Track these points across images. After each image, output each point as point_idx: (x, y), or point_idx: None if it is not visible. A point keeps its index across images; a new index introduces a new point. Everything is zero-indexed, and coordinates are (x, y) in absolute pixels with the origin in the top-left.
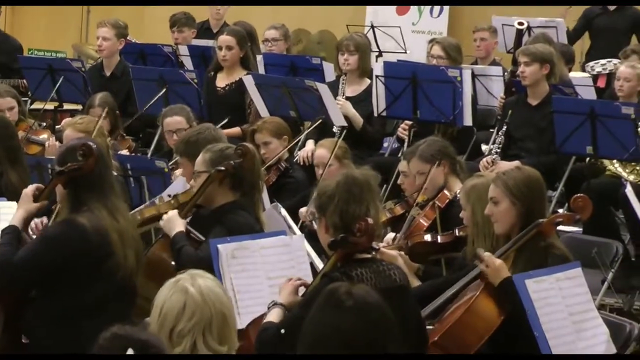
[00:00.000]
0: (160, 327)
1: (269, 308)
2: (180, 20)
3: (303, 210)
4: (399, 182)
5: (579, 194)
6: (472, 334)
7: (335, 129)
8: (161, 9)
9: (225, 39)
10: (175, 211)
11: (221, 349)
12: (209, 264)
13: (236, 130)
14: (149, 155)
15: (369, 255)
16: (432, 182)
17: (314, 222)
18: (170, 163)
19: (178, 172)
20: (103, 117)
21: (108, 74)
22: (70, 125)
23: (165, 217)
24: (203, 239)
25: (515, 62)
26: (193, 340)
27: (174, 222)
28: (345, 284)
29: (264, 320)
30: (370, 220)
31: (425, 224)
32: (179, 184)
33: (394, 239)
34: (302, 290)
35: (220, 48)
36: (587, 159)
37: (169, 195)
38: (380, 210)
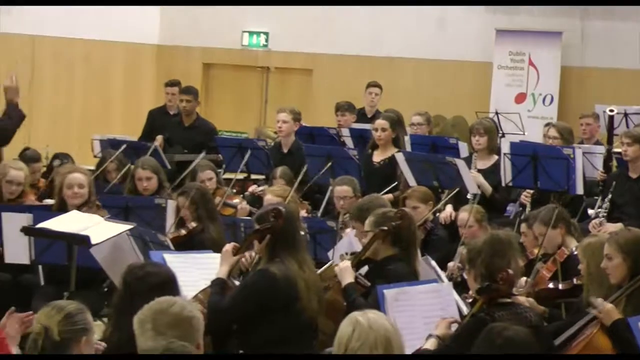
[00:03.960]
0: (338, 349)
1: (426, 339)
2: (343, 107)
3: (451, 264)
4: (520, 240)
5: None
6: None
7: (469, 196)
8: (326, 98)
9: (380, 122)
10: (349, 263)
11: None
12: (375, 307)
13: (389, 196)
14: (319, 216)
15: (509, 300)
16: (551, 240)
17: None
18: (340, 222)
19: (348, 230)
20: (285, 186)
21: (285, 150)
22: (270, 192)
23: (339, 267)
24: (369, 284)
25: (609, 142)
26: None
27: (346, 273)
28: (502, 325)
29: (422, 347)
30: (511, 271)
31: (548, 275)
32: (345, 241)
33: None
34: (454, 326)
35: (377, 130)
36: None
37: (345, 253)
38: (519, 263)
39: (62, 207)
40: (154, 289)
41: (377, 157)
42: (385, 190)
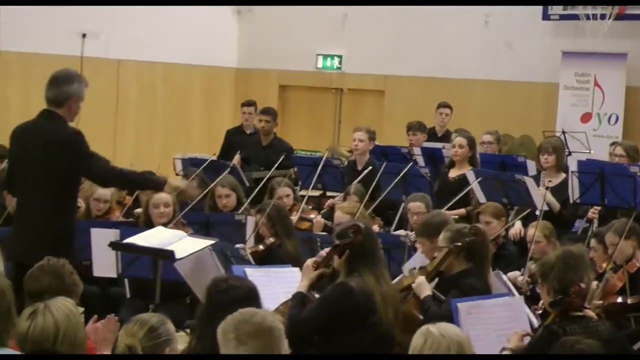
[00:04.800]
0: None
1: (500, 352)
2: (415, 127)
3: (520, 278)
4: (590, 255)
5: None
6: None
7: (537, 212)
8: (398, 118)
9: (459, 140)
10: (424, 277)
11: None
12: (449, 319)
13: (461, 211)
14: (391, 231)
15: (581, 313)
16: (622, 251)
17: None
18: (412, 237)
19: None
20: (358, 202)
21: (360, 168)
22: (340, 208)
23: (416, 282)
24: (444, 298)
25: None
26: None
27: (423, 287)
28: (574, 339)
29: None
30: (583, 285)
31: (619, 284)
32: (419, 256)
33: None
34: (527, 339)
35: (454, 146)
36: None
37: (414, 269)
38: (591, 277)
39: (148, 224)
40: (236, 301)
41: (453, 173)
42: (450, 204)
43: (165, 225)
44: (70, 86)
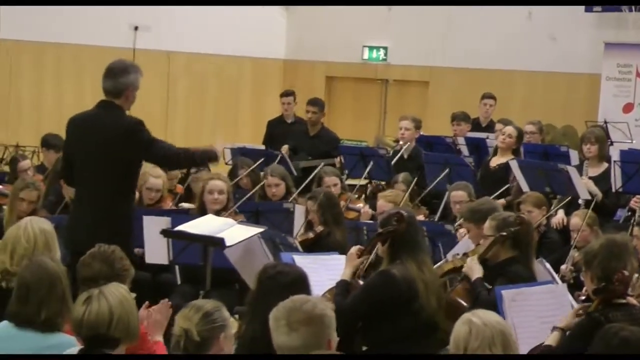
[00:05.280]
0: (456, 349)
1: (551, 331)
2: (459, 117)
3: (563, 267)
4: (633, 243)
5: None
6: None
7: (580, 202)
8: (442, 109)
9: (509, 129)
10: (476, 259)
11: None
12: (495, 305)
13: (501, 201)
14: (436, 220)
15: (624, 301)
16: None
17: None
18: (455, 225)
19: (462, 231)
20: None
21: (406, 155)
22: (382, 197)
23: (467, 264)
24: (490, 287)
25: None
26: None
27: (475, 269)
28: (618, 326)
29: (544, 343)
30: (626, 273)
31: None
32: (463, 243)
33: None
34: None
35: (504, 134)
36: None
37: (457, 254)
38: (635, 265)
39: (202, 211)
40: (286, 287)
41: (495, 161)
42: (496, 194)
43: (218, 213)
44: (127, 76)
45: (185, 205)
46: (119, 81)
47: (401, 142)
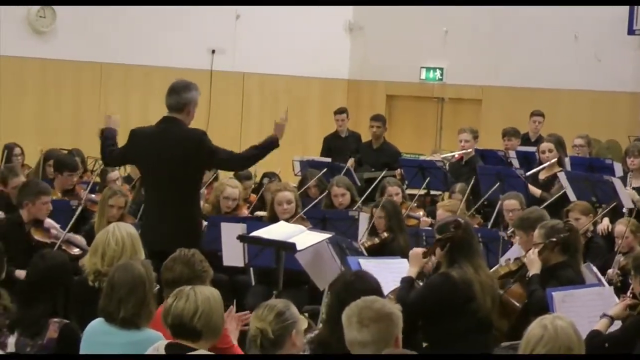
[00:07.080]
0: (525, 347)
1: (600, 318)
2: (510, 132)
3: (610, 271)
4: None
5: None
6: None
7: (624, 210)
8: (494, 125)
9: (547, 145)
10: (537, 254)
11: None
12: (546, 305)
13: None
14: (489, 227)
15: None
16: None
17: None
18: (509, 232)
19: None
20: (463, 201)
21: (463, 162)
22: (441, 206)
23: (528, 257)
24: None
25: None
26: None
27: (535, 264)
28: None
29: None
30: None
31: None
32: (515, 249)
33: None
34: None
35: (544, 152)
36: None
37: (509, 259)
38: None
39: (273, 219)
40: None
41: (542, 174)
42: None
43: (288, 220)
44: (188, 93)
45: (259, 213)
46: (182, 96)
47: (456, 155)
